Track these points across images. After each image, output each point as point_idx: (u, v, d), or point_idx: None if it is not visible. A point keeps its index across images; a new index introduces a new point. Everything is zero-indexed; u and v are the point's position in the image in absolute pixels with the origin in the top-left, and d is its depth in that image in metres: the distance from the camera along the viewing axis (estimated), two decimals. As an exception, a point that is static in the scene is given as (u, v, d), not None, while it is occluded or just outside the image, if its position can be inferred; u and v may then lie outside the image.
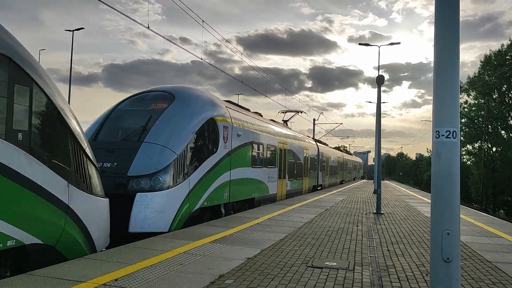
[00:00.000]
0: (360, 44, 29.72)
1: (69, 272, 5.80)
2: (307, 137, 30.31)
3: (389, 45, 28.56)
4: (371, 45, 28.89)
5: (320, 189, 31.27)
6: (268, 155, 17.55)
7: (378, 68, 31.30)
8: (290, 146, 21.42)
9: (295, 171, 22.72)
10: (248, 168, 15.04)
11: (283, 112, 27.68)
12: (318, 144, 33.04)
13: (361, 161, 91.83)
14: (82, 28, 49.68)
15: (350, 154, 79.81)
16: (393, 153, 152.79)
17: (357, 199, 22.48)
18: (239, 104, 17.48)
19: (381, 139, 21.68)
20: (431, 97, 4.35)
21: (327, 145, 42.06)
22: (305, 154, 25.51)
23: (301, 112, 28.30)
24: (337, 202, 19.94)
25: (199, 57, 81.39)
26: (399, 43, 28.80)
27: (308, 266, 6.80)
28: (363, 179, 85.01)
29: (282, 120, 26.65)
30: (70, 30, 38.86)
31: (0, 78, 5.68)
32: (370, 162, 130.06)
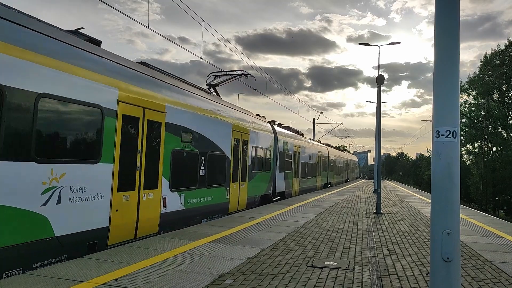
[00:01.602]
0: (360, 44, 29.75)
1: (69, 272, 5.80)
2: (257, 118, 18.24)
3: (389, 45, 28.60)
4: (371, 45, 28.92)
5: (279, 199, 19.97)
6: (53, 128, 6.87)
7: (378, 68, 31.21)
8: (180, 119, 10.69)
9: (204, 173, 12.00)
10: None
11: (214, 75, 16.74)
12: (278, 129, 21.39)
13: (355, 159, 78.05)
14: (82, 28, 49.64)
15: (342, 150, 66.28)
16: (393, 153, 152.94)
17: (357, 199, 22.48)
18: None
19: (381, 139, 21.68)
20: (431, 97, 4.35)
21: (301, 134, 29.05)
22: (235, 141, 14.47)
23: (245, 75, 16.99)
24: (337, 202, 19.94)
25: (199, 57, 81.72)
26: (399, 43, 28.76)
27: (308, 266, 6.80)
28: (359, 179, 79.01)
29: (207, 85, 16.14)
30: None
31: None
32: (370, 161, 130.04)
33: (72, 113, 7.23)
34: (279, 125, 23.70)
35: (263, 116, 20.07)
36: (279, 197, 20.38)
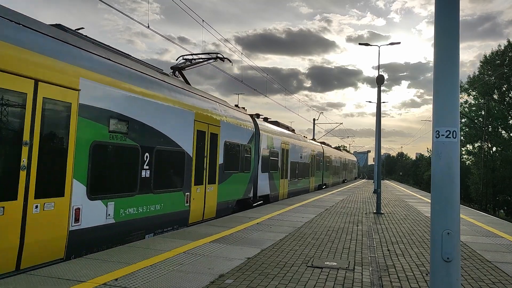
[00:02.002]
0: (360, 44, 29.74)
1: (69, 272, 5.80)
2: (234, 108, 15.51)
3: (389, 45, 28.58)
4: (371, 45, 28.88)
5: (261, 204, 17.14)
6: None
7: (378, 68, 31.20)
8: (108, 100, 8.10)
9: (150, 173, 9.36)
10: None
11: (184, 58, 14.33)
12: (261, 123, 18.54)
13: (354, 159, 74.19)
14: (82, 28, 49.62)
15: (341, 149, 61.53)
16: (393, 153, 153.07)
17: (357, 199, 22.48)
18: None
19: (381, 139, 21.68)
20: (431, 97, 4.35)
21: (292, 131, 25.83)
22: (198, 135, 11.55)
23: (221, 59, 14.53)
24: (337, 202, 19.94)
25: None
26: (399, 43, 28.75)
27: (308, 266, 6.80)
28: (359, 179, 76.84)
29: (172, 68, 13.91)
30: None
31: None
32: (370, 161, 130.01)
33: None
34: (266, 119, 21.37)
35: (244, 108, 17.34)
36: (261, 201, 17.44)
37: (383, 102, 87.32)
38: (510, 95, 50.29)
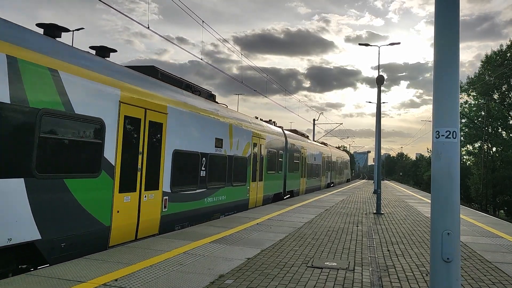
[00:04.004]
0: (360, 44, 29.67)
1: (69, 272, 5.80)
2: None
3: (389, 45, 28.57)
4: (371, 45, 28.85)
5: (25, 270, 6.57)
6: None
7: (378, 68, 31.13)
8: None
9: None
10: None
11: None
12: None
13: (345, 156, 58.54)
14: (82, 28, 49.68)
15: (327, 145, 42.72)
16: (393, 153, 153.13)
17: (357, 199, 22.48)
18: None
19: (381, 139, 21.66)
20: (430, 97, 4.35)
21: (226, 106, 15.18)
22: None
23: None
24: (337, 202, 19.94)
25: (198, 57, 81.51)
26: (399, 43, 28.72)
27: (308, 266, 6.80)
28: (354, 181, 70.94)
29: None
30: (70, 30, 38.86)
31: None
32: (370, 162, 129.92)
33: None
34: (112, 57, 9.77)
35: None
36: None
37: (383, 103, 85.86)
38: (510, 95, 50.29)
